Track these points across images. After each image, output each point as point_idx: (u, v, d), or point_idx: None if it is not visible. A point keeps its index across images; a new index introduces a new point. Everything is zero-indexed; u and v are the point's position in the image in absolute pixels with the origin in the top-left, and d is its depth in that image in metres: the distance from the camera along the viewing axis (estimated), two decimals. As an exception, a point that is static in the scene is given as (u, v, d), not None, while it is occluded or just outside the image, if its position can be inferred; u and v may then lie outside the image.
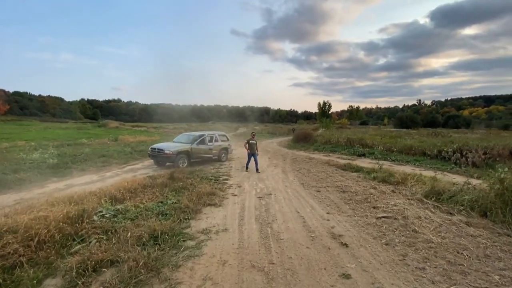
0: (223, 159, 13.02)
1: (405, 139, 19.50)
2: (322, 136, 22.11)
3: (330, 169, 10.89)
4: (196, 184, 7.58)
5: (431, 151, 13.58)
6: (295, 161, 13.31)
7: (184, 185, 7.10)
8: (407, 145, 15.14)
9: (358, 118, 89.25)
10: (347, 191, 6.74)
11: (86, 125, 48.77)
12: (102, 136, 24.66)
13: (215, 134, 13.09)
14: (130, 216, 4.43)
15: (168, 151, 10.80)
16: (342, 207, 5.43)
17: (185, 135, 12.86)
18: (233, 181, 8.44)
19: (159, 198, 5.79)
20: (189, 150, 11.35)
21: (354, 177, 8.92)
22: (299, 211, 5.19)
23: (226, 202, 5.93)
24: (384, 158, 13.90)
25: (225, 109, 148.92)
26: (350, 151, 16.18)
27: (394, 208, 5.07)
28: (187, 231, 4.18)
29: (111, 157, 13.62)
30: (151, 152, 11.42)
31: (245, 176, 9.41)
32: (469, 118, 62.40)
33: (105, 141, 20.28)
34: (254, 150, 9.94)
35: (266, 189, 7.19)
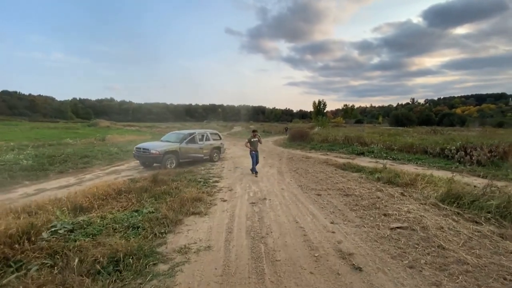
0: (215, 159, 12.20)
1: (404, 137, 18.94)
2: (318, 135, 21.42)
3: (329, 169, 10.15)
4: (182, 187, 6.76)
5: (433, 149, 12.96)
6: (291, 160, 12.56)
7: (168, 190, 6.27)
8: (407, 143, 14.51)
9: (353, 117, 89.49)
10: (351, 195, 5.98)
11: (76, 124, 47.44)
12: (90, 136, 23.56)
13: (206, 133, 12.25)
14: (92, 231, 3.60)
15: (154, 150, 9.93)
16: (348, 214, 4.67)
17: (174, 133, 12.00)
18: (224, 184, 7.63)
19: (135, 206, 4.95)
20: (178, 149, 10.51)
21: (356, 178, 8.19)
22: (298, 221, 4.42)
23: (213, 209, 5.12)
24: (384, 156, 13.23)
25: (220, 108, 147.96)
26: (349, 149, 15.50)
27: (409, 216, 4.32)
28: (161, 249, 3.37)
29: (95, 157, 12.70)
30: (136, 152, 10.55)
31: (237, 177, 8.61)
32: (464, 116, 62.46)
33: (91, 141, 19.28)
34: (257, 149, 9.30)
35: (260, 193, 6.40)
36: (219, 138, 12.99)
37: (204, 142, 11.63)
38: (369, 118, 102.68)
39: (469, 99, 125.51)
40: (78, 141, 19.30)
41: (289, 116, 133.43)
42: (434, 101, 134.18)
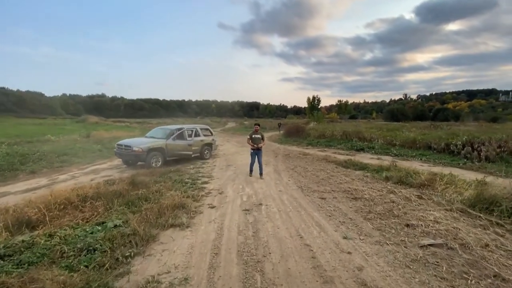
0: (206, 157, 11.26)
1: (403, 132, 18.26)
2: (315, 130, 20.62)
3: (330, 166, 9.32)
4: (164, 191, 5.83)
5: (437, 144, 12.24)
6: (288, 157, 11.70)
7: (146, 194, 5.33)
8: (409, 138, 13.78)
9: (347, 112, 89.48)
10: (360, 198, 5.15)
11: (64, 120, 45.68)
12: (76, 132, 22.32)
13: (196, 128, 11.28)
14: (29, 259, 2.67)
15: (137, 148, 8.94)
16: (363, 225, 3.83)
17: (160, 129, 10.99)
18: (214, 185, 6.72)
19: (101, 217, 4.02)
20: (164, 146, 9.53)
21: (361, 177, 7.37)
22: (303, 235, 3.55)
23: (198, 220, 4.21)
24: (386, 152, 12.50)
25: (214, 104, 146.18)
26: (347, 145, 14.73)
27: (439, 228, 3.50)
28: (120, 284, 2.46)
29: (75, 155, 11.64)
30: (117, 150, 9.54)
31: (229, 177, 7.70)
32: (458, 111, 62.53)
33: (75, 137, 18.09)
34: (259, 147, 7.90)
35: (255, 197, 5.52)
36: (210, 134, 12.03)
37: (193, 138, 10.66)
38: (362, 113, 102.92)
39: (460, 94, 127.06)
40: (60, 137, 18.08)
41: (284, 112, 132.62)
42: (426, 96, 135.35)
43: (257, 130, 7.94)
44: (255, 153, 7.76)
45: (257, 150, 7.73)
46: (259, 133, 7.90)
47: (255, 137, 7.83)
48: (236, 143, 18.36)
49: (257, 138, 7.81)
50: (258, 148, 7.74)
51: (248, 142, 7.98)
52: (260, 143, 7.79)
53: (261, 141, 7.84)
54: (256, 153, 7.74)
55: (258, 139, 7.80)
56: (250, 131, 8.02)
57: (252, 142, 7.80)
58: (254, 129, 8.03)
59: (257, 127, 8.09)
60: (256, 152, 7.74)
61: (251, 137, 7.87)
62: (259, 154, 7.76)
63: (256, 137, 7.82)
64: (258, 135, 7.85)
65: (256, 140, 7.79)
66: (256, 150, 7.74)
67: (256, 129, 7.95)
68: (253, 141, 7.80)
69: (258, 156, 7.74)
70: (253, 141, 7.80)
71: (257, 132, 7.90)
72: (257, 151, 7.75)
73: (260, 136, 7.87)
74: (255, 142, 7.77)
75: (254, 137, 7.83)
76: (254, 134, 7.86)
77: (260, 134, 7.92)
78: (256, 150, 7.74)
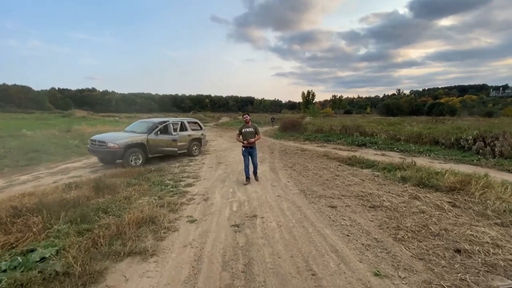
0: (194, 153, 10.11)
1: (404, 126, 17.37)
2: (312, 124, 19.58)
3: (332, 164, 8.28)
4: (135, 197, 4.70)
5: (445, 139, 11.32)
6: (285, 153, 10.63)
7: (109, 203, 4.20)
8: (414, 132, 12.84)
9: (342, 107, 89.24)
10: (379, 206, 4.10)
11: (49, 115, 43.65)
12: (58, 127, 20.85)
13: (183, 121, 10.09)
14: None
15: (112, 143, 7.73)
16: (396, 251, 2.77)
17: (142, 122, 9.76)
18: (199, 188, 5.60)
19: (36, 238, 2.89)
20: (145, 142, 8.34)
21: (371, 177, 6.35)
22: (315, 269, 2.48)
23: (169, 243, 3.09)
24: (390, 148, 11.54)
25: (207, 99, 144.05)
26: (348, 140, 13.72)
27: (508, 258, 2.47)
28: None
29: (47, 152, 10.37)
30: (90, 146, 8.31)
31: (219, 178, 6.59)
32: (453, 106, 62.35)
33: (53, 132, 16.68)
34: (252, 144, 6.13)
35: (248, 204, 4.42)
36: (199, 128, 10.86)
37: (179, 133, 9.48)
38: (356, 108, 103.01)
39: (452, 90, 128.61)
40: (37, 132, 16.65)
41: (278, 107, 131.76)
42: (419, 92, 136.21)
43: (248, 122, 6.16)
44: (247, 152, 6.06)
45: (250, 148, 6.07)
46: (251, 126, 6.16)
47: (246, 132, 6.06)
48: (229, 138, 17.21)
49: (248, 133, 6.05)
50: (250, 146, 6.05)
51: (237, 138, 6.24)
52: (252, 137, 6.04)
53: (254, 135, 6.08)
54: (249, 152, 6.07)
55: (250, 133, 6.05)
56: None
57: (243, 138, 6.07)
58: (244, 120, 6.20)
59: (247, 117, 6.20)
60: (249, 150, 6.06)
61: (240, 132, 6.13)
62: (253, 153, 6.11)
63: (247, 131, 6.06)
64: (250, 128, 6.12)
65: (248, 134, 6.03)
66: (249, 148, 6.06)
67: (247, 121, 6.14)
68: (244, 136, 6.05)
69: (251, 156, 6.10)
70: (243, 136, 6.06)
71: (248, 125, 6.15)
72: (250, 149, 6.08)
73: (253, 129, 6.13)
74: (247, 137, 6.01)
75: (245, 132, 6.06)
76: (245, 128, 6.12)
77: (253, 127, 6.17)
78: (249, 148, 6.06)
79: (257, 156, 6.38)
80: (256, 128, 6.20)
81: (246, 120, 6.19)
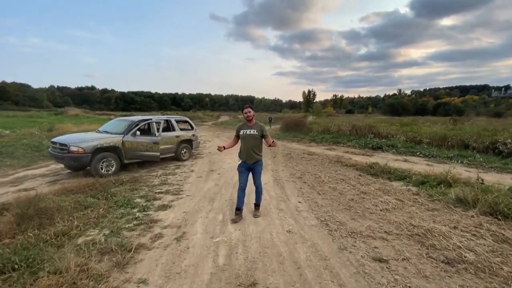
0: (183, 157, 8.53)
1: (419, 127, 15.76)
2: (317, 124, 17.99)
3: (351, 173, 6.69)
4: (76, 234, 3.12)
5: (477, 142, 9.70)
6: (290, 158, 9.04)
7: (27, 247, 2.62)
8: (437, 134, 11.23)
9: (343, 107, 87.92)
10: (458, 261, 2.51)
11: (40, 113, 41.99)
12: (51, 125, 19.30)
13: (169, 120, 8.50)
14: None
15: (75, 147, 6.13)
16: None
17: (119, 120, 8.14)
18: (175, 214, 4.00)
19: None
20: (119, 144, 6.74)
21: (408, 196, 4.77)
22: None
23: None
24: (411, 152, 9.93)
25: (207, 98, 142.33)
26: (360, 142, 12.11)
27: None
28: None
29: (10, 155, 8.82)
30: (51, 150, 6.73)
31: (207, 194, 4.99)
32: (460, 106, 60.63)
33: (33, 132, 15.08)
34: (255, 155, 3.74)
35: (243, 252, 2.81)
36: (190, 128, 9.25)
37: (164, 134, 7.89)
38: (357, 108, 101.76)
39: (453, 90, 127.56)
40: (17, 131, 15.07)
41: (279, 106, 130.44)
42: (420, 92, 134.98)
43: (251, 119, 3.74)
44: (246, 168, 3.79)
45: (251, 163, 3.74)
46: (254, 126, 3.74)
47: (246, 135, 3.70)
48: (227, 138, 15.60)
49: (250, 137, 3.69)
50: (250, 160, 3.72)
51: (231, 145, 3.96)
52: (257, 145, 3.73)
53: (260, 141, 3.78)
54: (250, 168, 3.79)
55: (252, 138, 3.68)
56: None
57: (242, 146, 3.78)
58: (245, 117, 3.75)
59: (250, 111, 3.71)
60: (250, 165, 3.76)
61: (238, 135, 3.83)
62: (255, 170, 3.80)
63: (249, 134, 3.68)
64: (253, 129, 3.70)
65: (249, 140, 3.69)
66: (251, 164, 3.74)
67: (249, 118, 3.72)
68: (243, 142, 3.76)
69: (253, 173, 3.83)
70: (243, 142, 3.76)
71: (251, 124, 3.75)
72: (252, 164, 3.75)
73: (258, 131, 3.70)
74: (248, 144, 3.69)
75: (245, 135, 3.71)
76: (245, 129, 3.74)
77: (258, 127, 3.74)
78: (251, 164, 3.74)
79: (260, 174, 3.87)
80: (263, 130, 3.73)
81: (247, 117, 3.71)
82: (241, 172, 3.83)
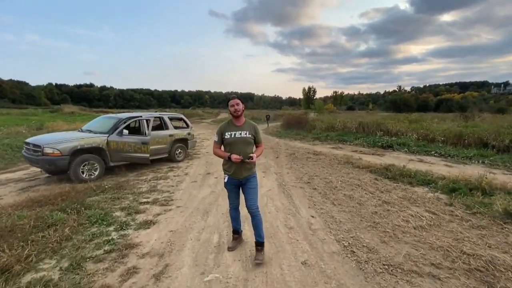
0: (178, 158, 7.75)
1: (428, 123, 14.94)
2: (321, 121, 17.16)
3: (365, 177, 5.91)
4: (30, 262, 2.33)
5: (497, 140, 8.91)
6: (294, 158, 8.26)
7: None
8: (452, 131, 10.43)
9: (343, 104, 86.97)
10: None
11: (36, 110, 41.08)
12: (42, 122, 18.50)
13: (162, 117, 7.70)
14: None
15: (50, 149, 5.33)
16: None
17: (105, 118, 7.31)
18: (159, 235, 3.22)
19: None
20: (104, 145, 5.94)
21: (440, 207, 4.00)
22: None
23: None
24: (425, 151, 9.13)
25: (207, 95, 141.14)
26: (367, 140, 11.30)
27: None
28: None
29: (-13, 157, 8.02)
30: (25, 152, 5.93)
31: (201, 205, 4.21)
32: (463, 102, 59.77)
33: (20, 130, 14.26)
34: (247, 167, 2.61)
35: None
36: (185, 126, 8.45)
37: (154, 133, 7.09)
38: (358, 105, 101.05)
39: (453, 86, 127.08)
40: (3, 129, 14.27)
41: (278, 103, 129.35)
42: (420, 88, 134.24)
43: (239, 115, 2.62)
44: (235, 185, 2.70)
45: (243, 177, 2.63)
46: (245, 126, 2.67)
47: (234, 139, 2.59)
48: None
49: (240, 141, 2.59)
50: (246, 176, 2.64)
51: (216, 151, 2.71)
52: (249, 150, 2.62)
53: (252, 146, 2.68)
54: (238, 184, 2.69)
55: (243, 142, 2.59)
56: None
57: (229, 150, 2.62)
58: (232, 111, 2.62)
59: (238, 103, 2.61)
60: (239, 181, 2.66)
61: (221, 138, 2.66)
62: (247, 188, 2.66)
63: (238, 137, 2.59)
64: (244, 131, 2.63)
65: (240, 144, 2.58)
66: (239, 178, 2.63)
67: (237, 113, 2.61)
68: (230, 149, 2.61)
69: (245, 193, 2.68)
70: (229, 150, 2.62)
71: (240, 123, 2.67)
72: (242, 180, 2.64)
73: (249, 133, 2.64)
74: (236, 149, 2.57)
75: (233, 139, 2.59)
76: (232, 131, 2.63)
77: (249, 127, 2.68)
78: (239, 178, 2.63)
79: (257, 192, 2.71)
80: (255, 131, 2.70)
81: (234, 111, 2.60)
82: (230, 190, 2.75)
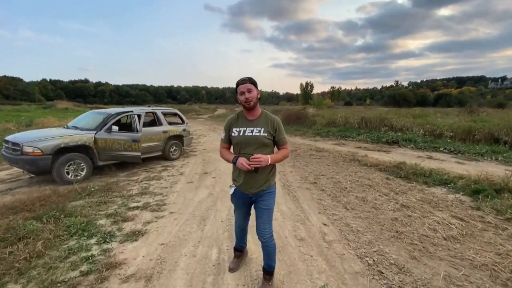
0: (173, 156, 7.26)
1: (432, 118, 14.52)
2: (321, 117, 16.68)
3: (375, 176, 5.46)
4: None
5: (510, 136, 8.49)
6: (297, 156, 7.80)
7: None
8: (460, 127, 10.00)
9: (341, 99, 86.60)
10: None
11: (28, 106, 40.20)
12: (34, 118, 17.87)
13: (155, 112, 7.17)
14: None
15: (30, 147, 4.80)
16: None
17: (94, 113, 6.73)
18: (148, 249, 2.73)
19: None
20: (91, 143, 5.42)
21: (467, 212, 3.57)
22: None
23: None
24: (433, 147, 8.73)
25: (204, 91, 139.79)
26: (371, 136, 10.88)
27: None
28: None
29: (-32, 155, 7.43)
30: (5, 151, 5.39)
31: (196, 212, 3.73)
32: (461, 97, 59.60)
33: (8, 127, 13.64)
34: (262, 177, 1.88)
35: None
36: (180, 122, 7.93)
37: (146, 130, 6.57)
38: (355, 100, 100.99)
39: (450, 81, 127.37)
40: (-8, 126, 13.66)
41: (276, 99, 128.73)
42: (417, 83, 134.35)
43: (252, 104, 1.81)
44: (242, 201, 2.04)
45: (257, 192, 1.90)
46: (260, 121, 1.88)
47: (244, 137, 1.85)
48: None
49: (248, 141, 1.84)
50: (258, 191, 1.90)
51: (223, 153, 2.03)
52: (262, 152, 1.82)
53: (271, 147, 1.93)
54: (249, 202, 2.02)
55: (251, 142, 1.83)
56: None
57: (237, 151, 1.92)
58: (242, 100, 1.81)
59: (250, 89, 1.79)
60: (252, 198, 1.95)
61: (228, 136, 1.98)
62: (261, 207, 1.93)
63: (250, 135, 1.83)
64: (258, 127, 1.85)
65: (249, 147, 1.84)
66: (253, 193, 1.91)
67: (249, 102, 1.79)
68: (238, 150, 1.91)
69: (258, 213, 1.95)
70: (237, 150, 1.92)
71: (254, 117, 1.89)
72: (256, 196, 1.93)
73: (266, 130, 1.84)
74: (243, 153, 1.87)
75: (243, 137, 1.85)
76: (242, 127, 1.89)
77: (267, 122, 1.88)
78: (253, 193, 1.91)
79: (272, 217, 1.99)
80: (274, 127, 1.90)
81: (245, 101, 1.80)
82: (237, 206, 2.11)
